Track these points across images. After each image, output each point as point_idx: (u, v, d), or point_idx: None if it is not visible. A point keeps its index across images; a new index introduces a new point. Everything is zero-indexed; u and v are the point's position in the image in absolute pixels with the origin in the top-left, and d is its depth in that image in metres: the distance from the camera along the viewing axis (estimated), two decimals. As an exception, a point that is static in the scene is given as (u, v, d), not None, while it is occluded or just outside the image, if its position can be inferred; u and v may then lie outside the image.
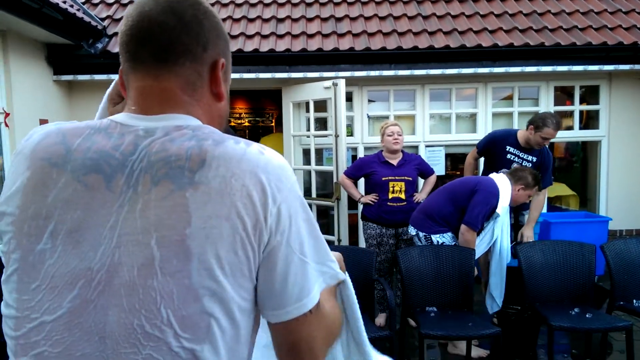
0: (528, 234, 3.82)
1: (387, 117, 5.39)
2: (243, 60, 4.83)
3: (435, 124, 5.49)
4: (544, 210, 5.40)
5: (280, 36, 5.06)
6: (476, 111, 5.36)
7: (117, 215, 0.68)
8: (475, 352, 3.36)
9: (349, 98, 5.30)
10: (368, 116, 5.40)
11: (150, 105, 0.76)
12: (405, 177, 3.86)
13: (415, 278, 3.25)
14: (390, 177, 3.86)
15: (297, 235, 0.72)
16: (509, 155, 3.73)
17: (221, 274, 0.66)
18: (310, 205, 4.41)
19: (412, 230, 3.57)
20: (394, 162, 3.91)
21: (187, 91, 0.77)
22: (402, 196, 3.83)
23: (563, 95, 5.76)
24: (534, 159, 3.73)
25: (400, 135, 3.87)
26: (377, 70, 4.94)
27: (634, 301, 3.27)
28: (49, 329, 0.67)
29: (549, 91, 5.32)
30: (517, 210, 3.95)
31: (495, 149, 3.78)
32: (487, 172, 3.82)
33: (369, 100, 5.46)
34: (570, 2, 5.44)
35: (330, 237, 4.74)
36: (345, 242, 4.67)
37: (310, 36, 5.06)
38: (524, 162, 3.72)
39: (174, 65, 0.75)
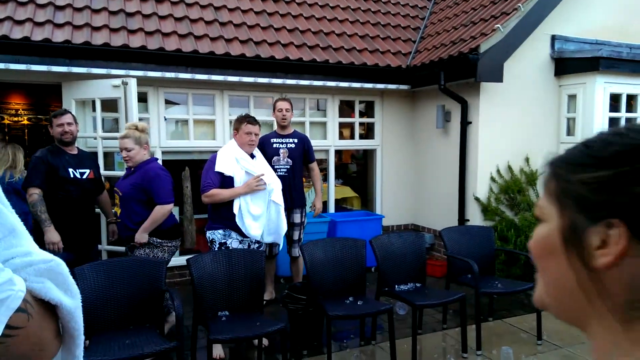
0: (319, 205, 4.67)
1: (186, 121, 5.27)
2: (9, 48, 4.16)
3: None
4: (332, 210, 5.99)
5: (59, 25, 4.51)
6: (273, 119, 5.61)
7: None
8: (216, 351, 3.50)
9: (144, 99, 5.02)
10: (165, 119, 5.19)
11: None
12: None
13: (207, 284, 3.24)
14: None
15: None
16: (275, 145, 4.50)
17: None
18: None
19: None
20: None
21: None
22: None
23: (348, 108, 6.47)
24: (296, 140, 4.52)
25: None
26: (173, 72, 4.79)
27: (396, 286, 3.85)
28: None
29: (335, 104, 5.93)
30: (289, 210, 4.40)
31: (265, 146, 4.41)
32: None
33: (168, 102, 5.26)
34: (351, 25, 6.14)
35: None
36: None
37: (96, 29, 4.63)
38: (288, 145, 4.49)
39: None
